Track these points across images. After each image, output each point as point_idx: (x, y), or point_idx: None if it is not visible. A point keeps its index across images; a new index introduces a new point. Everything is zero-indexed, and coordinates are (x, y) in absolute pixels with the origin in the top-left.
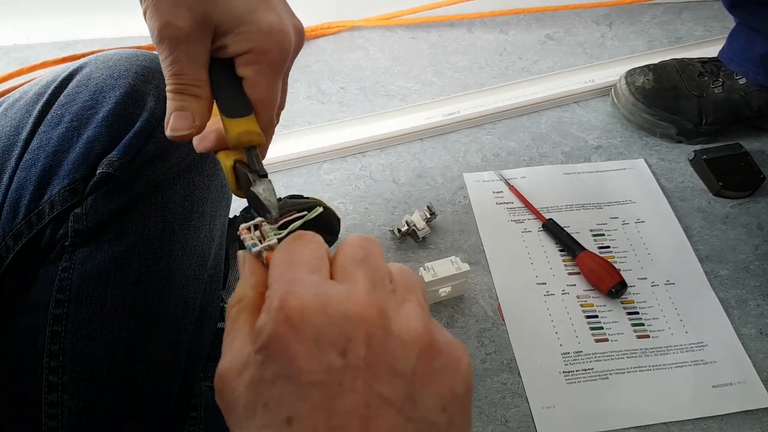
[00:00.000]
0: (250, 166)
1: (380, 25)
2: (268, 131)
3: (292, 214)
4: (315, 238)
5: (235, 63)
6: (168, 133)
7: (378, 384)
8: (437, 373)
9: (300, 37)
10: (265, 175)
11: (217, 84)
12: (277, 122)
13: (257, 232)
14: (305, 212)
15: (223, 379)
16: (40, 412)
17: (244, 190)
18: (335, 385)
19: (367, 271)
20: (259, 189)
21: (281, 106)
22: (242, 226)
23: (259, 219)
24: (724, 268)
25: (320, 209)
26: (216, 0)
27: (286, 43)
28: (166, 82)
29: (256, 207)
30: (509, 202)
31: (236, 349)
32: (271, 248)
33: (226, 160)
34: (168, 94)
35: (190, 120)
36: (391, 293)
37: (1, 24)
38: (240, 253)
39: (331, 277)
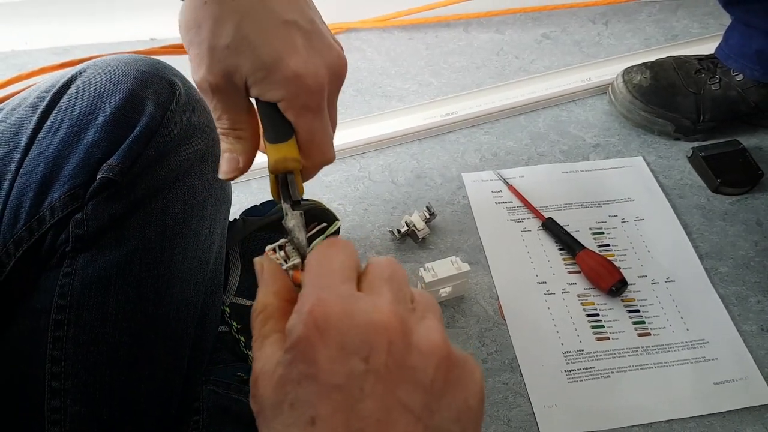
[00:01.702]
0: (286, 193)
1: (377, 26)
2: (318, 165)
3: (314, 227)
4: (348, 247)
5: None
6: (219, 176)
7: (398, 391)
8: (453, 384)
9: (334, 70)
10: (298, 203)
11: (262, 112)
12: (329, 156)
13: (282, 253)
14: (325, 224)
15: (256, 382)
16: (43, 417)
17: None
18: (356, 389)
19: (392, 287)
20: (289, 224)
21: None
22: (268, 247)
23: (283, 240)
24: (723, 264)
25: (339, 223)
26: (244, 52)
27: (314, 85)
28: (216, 124)
29: (286, 234)
30: (508, 202)
31: (268, 353)
32: (296, 267)
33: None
34: (219, 137)
35: (235, 162)
36: (412, 311)
37: None
38: (257, 259)
39: (359, 289)
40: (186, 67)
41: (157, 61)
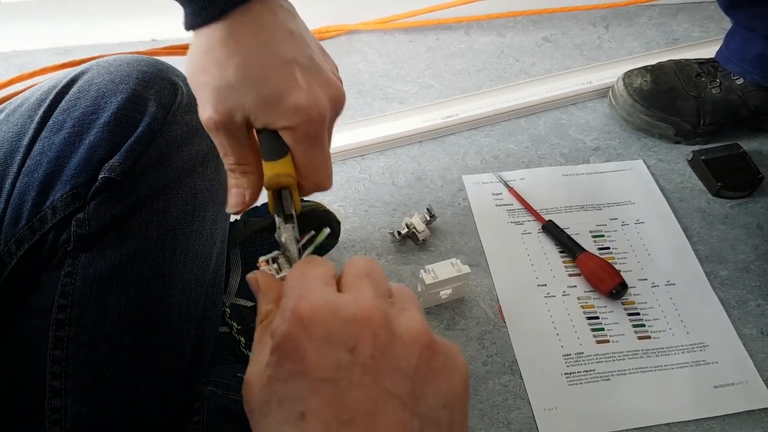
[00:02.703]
0: (279, 208)
1: (378, 28)
2: (313, 188)
3: (304, 237)
4: (326, 263)
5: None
6: (227, 210)
7: (384, 380)
8: (437, 371)
9: (335, 102)
10: (291, 217)
11: (261, 137)
12: (325, 183)
13: (275, 265)
14: (313, 233)
15: (247, 385)
16: (44, 417)
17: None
18: (345, 381)
19: (370, 283)
20: (282, 238)
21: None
22: (261, 258)
23: (276, 252)
24: (724, 268)
25: (327, 231)
26: (247, 89)
27: (316, 115)
28: (222, 161)
29: (279, 247)
30: (509, 204)
31: (260, 358)
32: None
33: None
34: (227, 173)
35: (242, 197)
36: (392, 304)
37: None
38: (250, 275)
39: (339, 291)
40: None
41: (159, 62)
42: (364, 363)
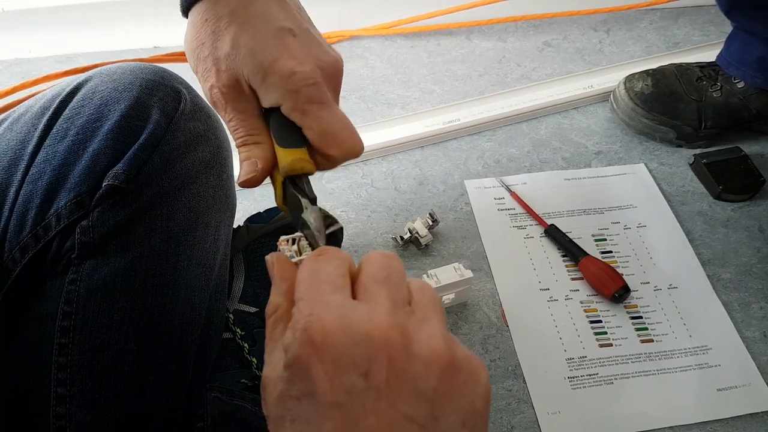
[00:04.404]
0: (302, 192)
1: (379, 34)
2: (342, 155)
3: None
4: (338, 255)
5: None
6: (239, 182)
7: (401, 404)
8: (458, 390)
9: (328, 70)
10: (315, 200)
11: (272, 122)
12: (351, 144)
13: (295, 246)
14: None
15: (264, 388)
16: (49, 424)
17: (293, 213)
18: (358, 407)
19: (388, 291)
20: (309, 218)
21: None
22: (282, 238)
23: (298, 234)
24: (726, 271)
25: (339, 225)
26: (243, 57)
27: (309, 79)
28: (233, 138)
29: (302, 229)
30: (511, 209)
31: (275, 360)
32: None
33: (277, 176)
34: (237, 149)
35: (254, 165)
36: (411, 313)
37: (1, 38)
38: (268, 256)
39: (354, 296)
40: (191, 75)
41: (162, 69)
42: (378, 387)
